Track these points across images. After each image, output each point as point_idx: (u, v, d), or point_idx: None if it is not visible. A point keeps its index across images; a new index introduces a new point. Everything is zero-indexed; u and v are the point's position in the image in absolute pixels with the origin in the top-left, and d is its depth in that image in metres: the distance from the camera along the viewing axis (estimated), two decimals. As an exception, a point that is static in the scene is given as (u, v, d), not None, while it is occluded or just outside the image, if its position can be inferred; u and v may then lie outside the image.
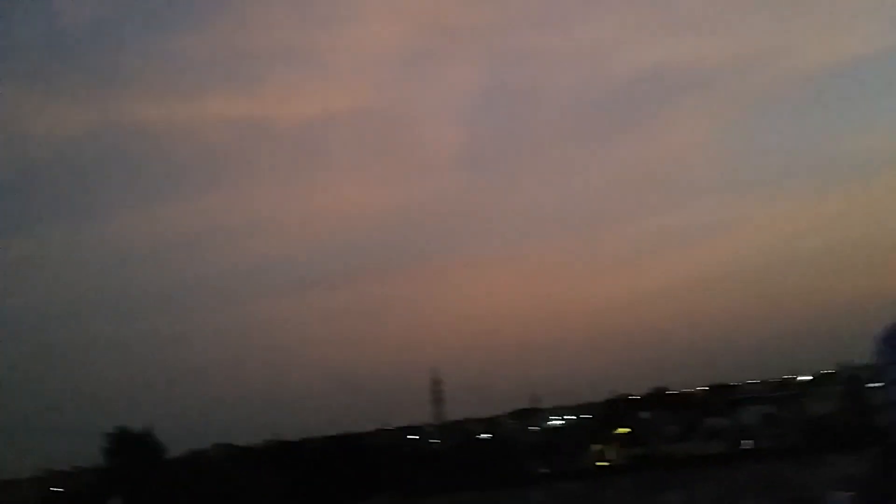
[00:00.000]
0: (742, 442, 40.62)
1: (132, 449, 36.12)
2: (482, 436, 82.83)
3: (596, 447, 55.60)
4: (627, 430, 51.53)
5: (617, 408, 69.32)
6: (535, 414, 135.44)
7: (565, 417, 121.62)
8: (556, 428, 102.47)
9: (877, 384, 1.68)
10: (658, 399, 72.46)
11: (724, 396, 73.89)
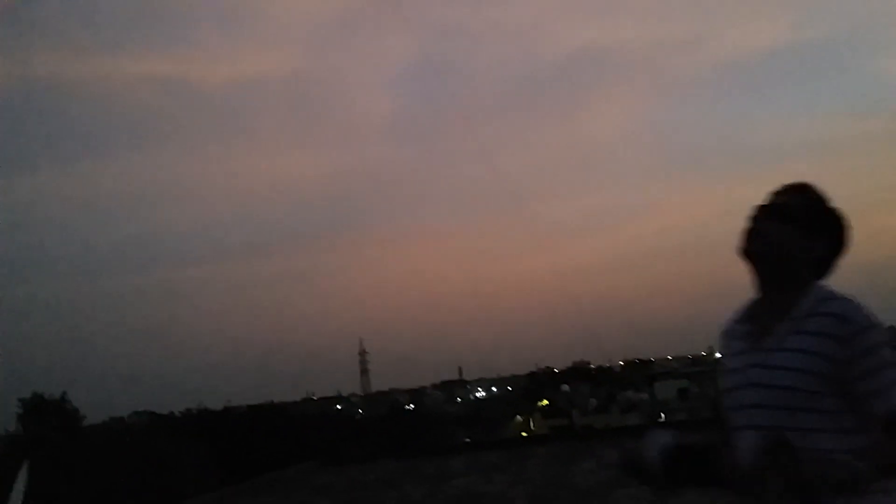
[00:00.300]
0: (658, 415, 42.14)
1: (47, 415, 35.13)
2: (408, 406, 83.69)
3: (518, 418, 56.80)
4: (549, 402, 52.73)
5: (539, 381, 70.78)
6: (460, 386, 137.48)
7: (489, 389, 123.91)
8: (480, 399, 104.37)
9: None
10: (579, 373, 74.24)
11: (641, 371, 76.31)
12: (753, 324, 1.78)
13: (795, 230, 1.75)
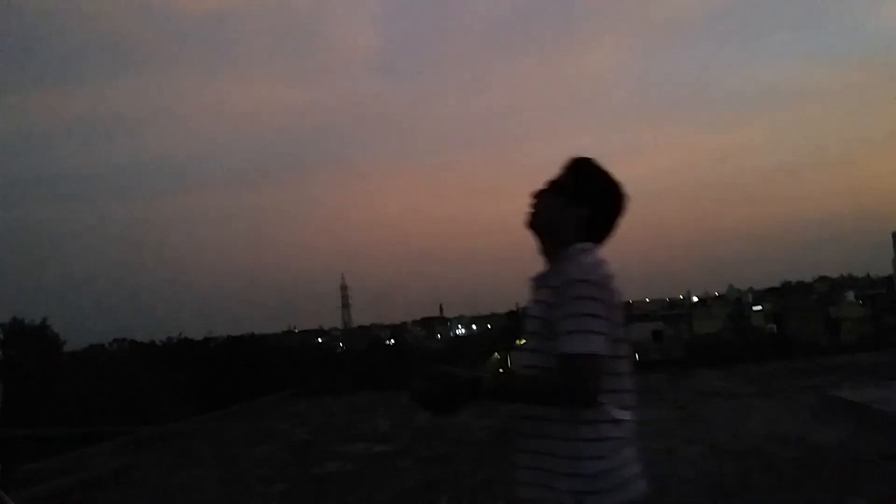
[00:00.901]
0: (632, 357, 42.76)
1: (27, 341, 35.12)
2: (388, 341, 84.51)
3: (496, 355, 57.55)
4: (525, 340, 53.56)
5: (518, 319, 71.36)
6: (441, 322, 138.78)
7: (469, 327, 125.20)
8: (460, 336, 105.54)
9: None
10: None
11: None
12: (534, 280, 2.04)
13: (561, 201, 2.00)
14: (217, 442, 8.65)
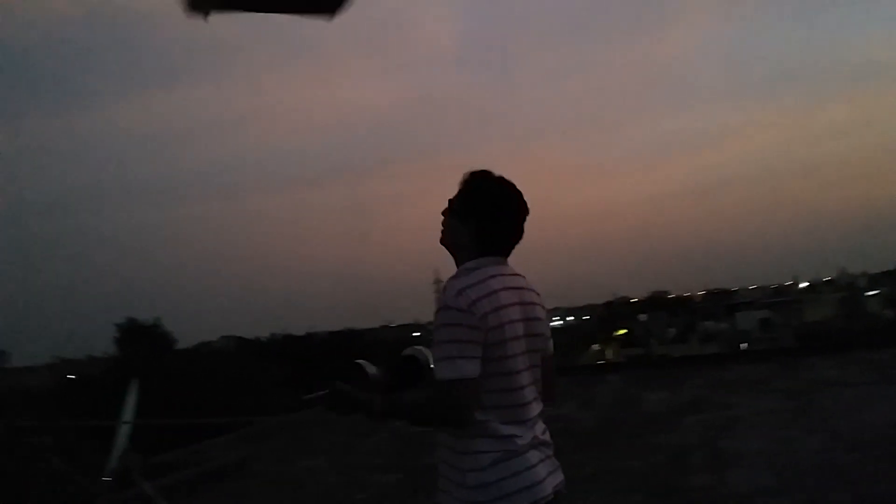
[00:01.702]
0: (739, 346, 41.47)
1: (142, 339, 36.98)
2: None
3: (595, 347, 56.84)
4: (625, 331, 52.43)
5: (616, 310, 70.30)
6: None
7: (565, 319, 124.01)
8: (555, 328, 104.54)
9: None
10: (657, 302, 73.34)
11: (722, 301, 74.90)
12: None
13: (454, 220, 2.13)
14: (328, 432, 8.93)
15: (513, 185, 2.15)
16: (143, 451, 5.43)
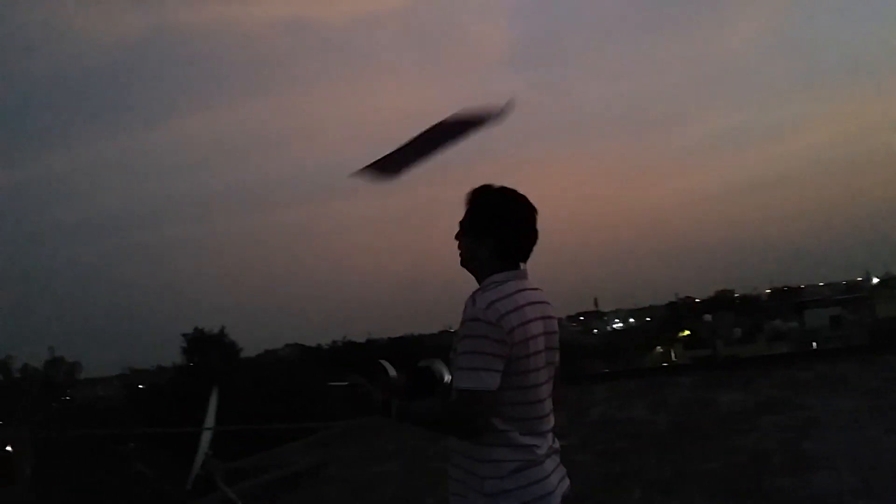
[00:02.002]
0: (809, 345, 40.27)
1: (208, 348, 37.91)
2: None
3: (658, 349, 55.90)
4: (690, 332, 51.38)
5: (679, 311, 69.04)
6: (596, 317, 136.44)
7: (627, 320, 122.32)
8: (617, 331, 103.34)
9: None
10: (722, 302, 71.73)
11: (790, 299, 72.84)
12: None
13: (469, 240, 2.16)
14: (397, 438, 9.00)
15: (517, 193, 2.19)
16: (222, 456, 5.56)
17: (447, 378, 2.26)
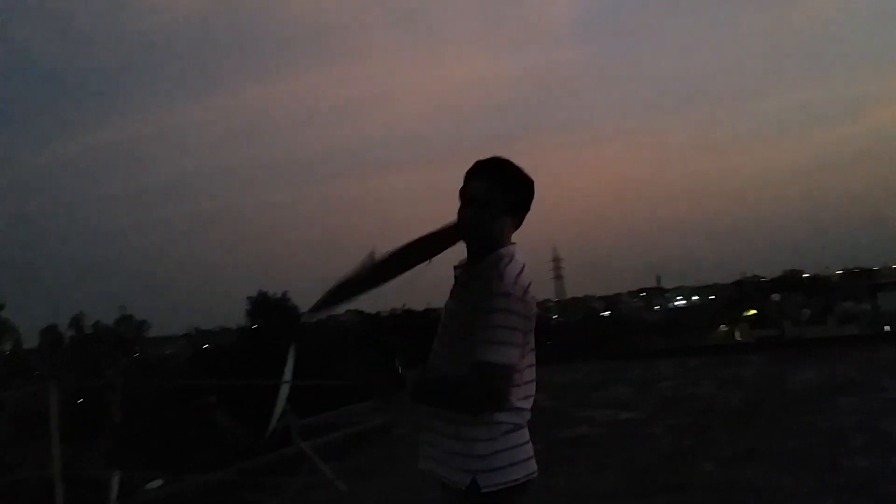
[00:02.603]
0: (881, 328, 38.90)
1: (271, 312, 38.73)
2: (603, 313, 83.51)
3: (722, 328, 54.86)
4: (757, 312, 50.21)
5: (746, 290, 67.48)
6: (658, 293, 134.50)
7: (690, 298, 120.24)
8: (679, 308, 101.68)
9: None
10: (790, 282, 69.81)
11: (862, 281, 70.39)
12: (460, 272, 2.19)
13: (489, 212, 2.11)
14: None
15: (520, 166, 2.19)
16: (296, 412, 5.70)
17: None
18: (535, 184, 2.19)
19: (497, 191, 2.12)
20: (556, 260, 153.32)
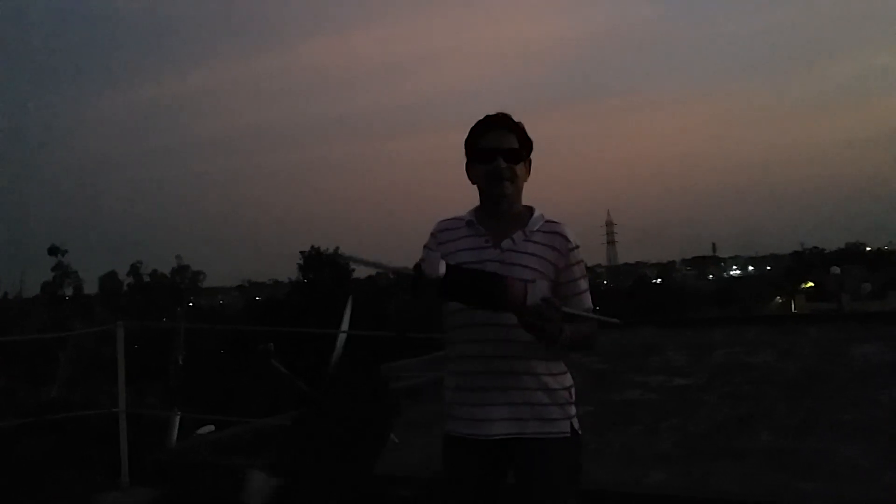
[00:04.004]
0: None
1: (323, 267, 39.31)
2: (655, 280, 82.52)
3: (778, 299, 53.71)
4: (814, 284, 48.98)
5: (805, 261, 65.76)
6: (713, 262, 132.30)
7: (745, 268, 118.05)
8: (734, 278, 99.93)
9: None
10: (852, 255, 67.84)
11: (928, 257, 68.03)
12: (488, 229, 2.18)
13: (521, 166, 2.19)
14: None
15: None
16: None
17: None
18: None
19: (525, 144, 2.22)
20: (609, 224, 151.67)
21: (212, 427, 6.34)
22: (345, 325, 5.88)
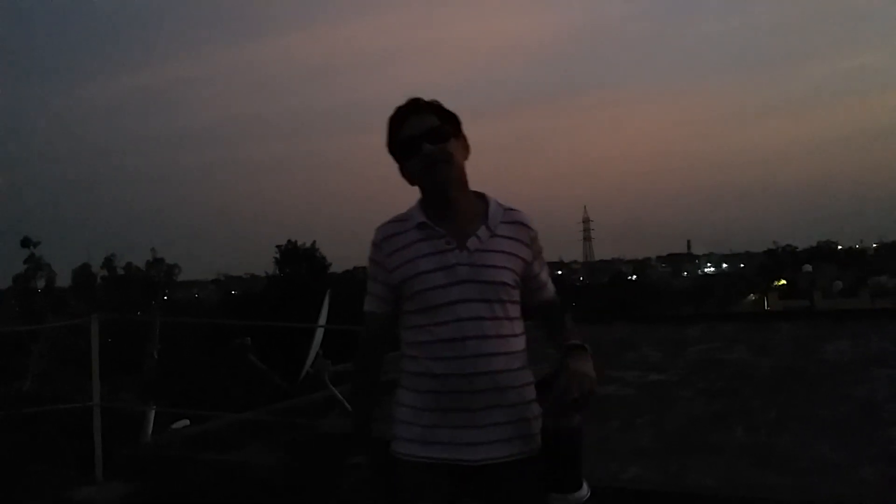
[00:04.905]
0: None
1: (300, 261, 39.04)
2: (631, 277, 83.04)
3: (751, 296, 54.32)
4: (787, 282, 49.64)
5: (777, 259, 66.56)
6: (688, 259, 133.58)
7: (720, 265, 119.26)
8: (708, 275, 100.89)
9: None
10: (823, 253, 68.78)
11: (898, 256, 69.11)
12: (446, 229, 1.88)
13: (455, 143, 1.91)
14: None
15: None
16: (328, 358, 5.73)
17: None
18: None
19: (453, 119, 1.96)
20: (586, 221, 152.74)
21: (187, 422, 6.29)
22: (322, 320, 5.87)
